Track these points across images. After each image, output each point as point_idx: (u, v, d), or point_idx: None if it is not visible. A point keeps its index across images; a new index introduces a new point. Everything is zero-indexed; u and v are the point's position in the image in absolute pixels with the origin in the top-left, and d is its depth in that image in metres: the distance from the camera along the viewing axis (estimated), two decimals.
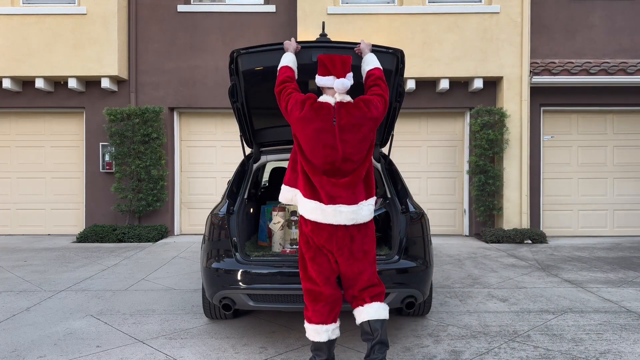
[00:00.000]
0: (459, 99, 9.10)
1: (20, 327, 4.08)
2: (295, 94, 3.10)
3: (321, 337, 3.00)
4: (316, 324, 3.01)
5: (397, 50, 3.70)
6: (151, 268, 6.33)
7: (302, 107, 3.03)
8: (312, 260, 3.04)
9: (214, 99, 9.15)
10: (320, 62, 3.14)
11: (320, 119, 3.00)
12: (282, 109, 3.16)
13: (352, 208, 2.97)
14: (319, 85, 3.17)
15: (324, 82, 3.11)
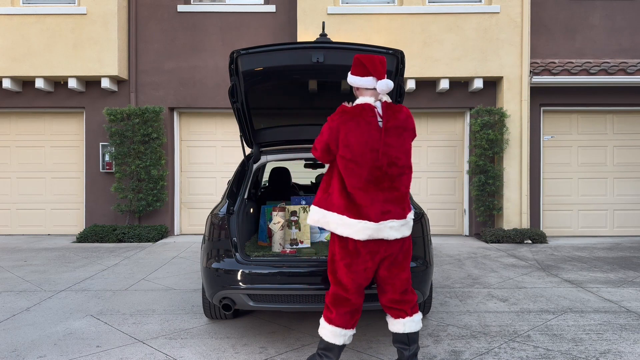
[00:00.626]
0: (459, 99, 9.10)
1: (20, 327, 4.08)
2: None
3: (338, 340, 2.95)
4: (337, 327, 2.94)
5: (397, 51, 3.70)
6: (151, 268, 6.33)
7: (341, 114, 2.91)
8: (348, 267, 2.90)
9: (214, 99, 9.15)
10: (357, 62, 2.97)
11: (365, 120, 2.86)
12: (325, 142, 2.93)
13: (402, 222, 2.91)
14: (356, 85, 2.99)
15: (364, 82, 2.93)
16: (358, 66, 2.97)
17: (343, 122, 2.87)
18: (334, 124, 2.91)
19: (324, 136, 2.95)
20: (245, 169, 4.26)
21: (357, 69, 2.97)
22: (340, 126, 2.87)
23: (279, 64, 3.73)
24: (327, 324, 2.99)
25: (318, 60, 3.63)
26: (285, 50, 3.68)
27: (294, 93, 4.24)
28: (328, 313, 3.00)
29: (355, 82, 2.98)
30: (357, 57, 2.99)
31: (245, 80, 3.89)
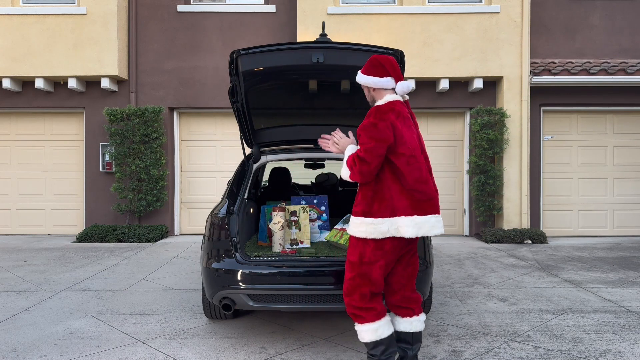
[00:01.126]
0: (459, 99, 9.10)
1: (20, 327, 4.08)
2: (380, 123, 2.80)
3: (387, 330, 2.91)
4: (375, 321, 2.89)
5: (396, 51, 3.70)
6: (151, 268, 6.33)
7: (388, 112, 2.83)
8: (384, 267, 2.89)
9: (214, 99, 9.15)
10: (376, 63, 2.94)
11: (404, 116, 2.89)
12: (385, 145, 2.78)
13: (439, 217, 2.91)
14: (377, 86, 2.93)
15: (385, 83, 2.91)
16: (377, 67, 2.95)
17: (394, 119, 2.84)
18: (387, 122, 2.79)
19: (382, 136, 2.75)
20: (245, 169, 4.26)
21: (376, 69, 2.95)
22: (395, 123, 2.83)
23: (279, 64, 3.74)
24: (367, 324, 2.90)
25: (318, 60, 3.63)
26: (285, 50, 3.68)
27: (294, 93, 4.25)
28: (361, 313, 2.91)
29: (375, 82, 2.94)
30: (375, 57, 2.97)
31: (245, 80, 3.89)
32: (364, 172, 2.80)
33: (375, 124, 2.79)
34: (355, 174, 2.83)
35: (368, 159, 2.77)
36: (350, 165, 2.86)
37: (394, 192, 2.84)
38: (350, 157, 2.88)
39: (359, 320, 2.92)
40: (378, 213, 2.82)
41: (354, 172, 2.84)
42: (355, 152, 2.89)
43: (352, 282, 2.90)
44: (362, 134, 2.83)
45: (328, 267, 3.45)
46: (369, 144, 2.77)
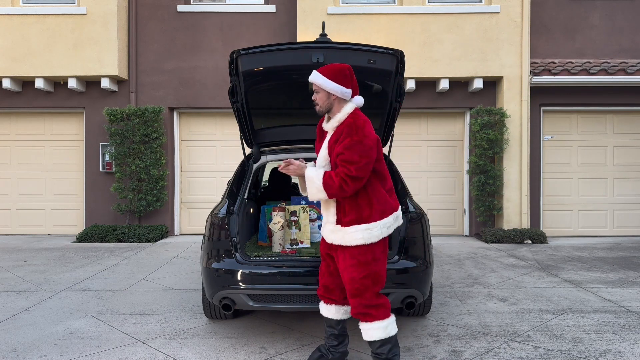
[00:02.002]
0: (459, 99, 9.10)
1: (20, 327, 4.08)
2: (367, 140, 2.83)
3: (394, 328, 2.99)
4: (388, 318, 2.97)
5: (396, 51, 3.70)
6: (151, 268, 6.33)
7: (370, 123, 2.91)
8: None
9: (214, 99, 9.15)
10: (347, 73, 2.93)
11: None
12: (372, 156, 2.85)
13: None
14: (342, 96, 2.92)
15: (348, 94, 2.94)
16: (347, 77, 2.93)
17: (372, 130, 2.92)
18: (371, 137, 2.86)
19: (371, 152, 2.82)
20: (245, 169, 4.26)
21: (345, 79, 2.92)
22: (378, 142, 2.95)
23: (279, 64, 3.74)
24: (392, 317, 2.96)
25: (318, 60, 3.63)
26: (285, 50, 3.68)
27: (294, 93, 4.24)
28: (371, 313, 2.91)
29: (343, 92, 2.91)
30: (348, 67, 2.95)
31: (245, 80, 3.89)
32: (356, 188, 2.84)
33: (361, 141, 2.81)
34: (343, 192, 2.82)
35: (362, 175, 2.80)
36: (328, 185, 2.84)
37: (383, 192, 2.95)
38: (335, 178, 2.82)
39: (369, 319, 2.92)
40: (371, 218, 2.89)
41: (344, 190, 2.82)
42: (339, 170, 2.83)
43: (364, 282, 2.88)
44: (347, 153, 2.79)
45: None
46: (360, 162, 2.78)
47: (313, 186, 2.89)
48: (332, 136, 2.96)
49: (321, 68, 2.97)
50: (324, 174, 2.87)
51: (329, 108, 2.96)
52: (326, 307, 3.18)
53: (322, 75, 2.91)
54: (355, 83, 2.98)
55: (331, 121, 2.98)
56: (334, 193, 2.84)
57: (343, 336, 3.22)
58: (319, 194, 2.88)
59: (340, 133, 2.89)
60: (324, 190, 2.85)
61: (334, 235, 2.96)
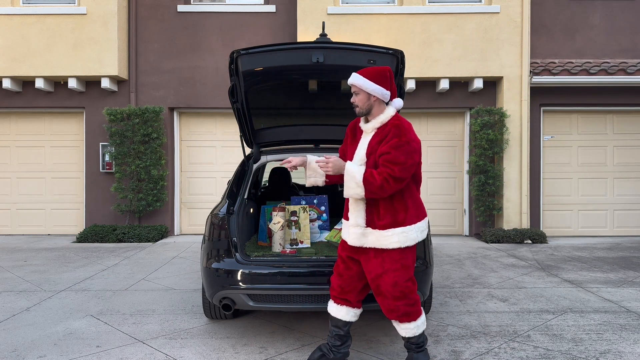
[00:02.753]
0: (459, 99, 9.10)
1: (20, 327, 4.08)
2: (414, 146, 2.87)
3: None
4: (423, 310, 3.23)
5: (397, 51, 3.70)
6: (151, 268, 6.33)
7: (412, 128, 2.96)
8: None
9: (214, 99, 9.15)
10: (388, 75, 2.95)
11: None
12: (418, 158, 2.90)
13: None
14: (383, 98, 2.94)
15: (388, 96, 2.97)
16: (387, 79, 2.94)
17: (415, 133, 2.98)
18: (417, 140, 2.91)
19: (417, 155, 2.86)
20: (245, 169, 4.26)
21: (385, 81, 2.93)
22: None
23: (279, 64, 3.74)
24: (420, 317, 3.06)
25: (318, 60, 3.63)
26: (285, 50, 3.68)
27: (294, 93, 4.25)
28: (416, 310, 3.03)
29: (383, 94, 2.92)
30: (388, 69, 2.95)
31: (245, 80, 3.89)
32: (396, 189, 2.83)
33: (409, 143, 2.83)
34: (382, 191, 2.81)
35: (404, 176, 2.81)
36: (369, 182, 2.82)
37: (418, 197, 3.02)
38: (377, 177, 2.81)
39: (415, 316, 3.01)
40: (406, 221, 2.93)
41: (384, 189, 2.80)
42: (381, 170, 2.82)
43: (408, 285, 2.95)
44: (394, 153, 2.80)
45: (328, 267, 3.45)
46: (406, 164, 2.80)
47: (352, 181, 2.86)
48: (375, 137, 2.94)
49: (361, 70, 2.98)
50: (366, 171, 2.87)
51: (369, 110, 2.96)
52: (337, 307, 3.15)
53: (362, 77, 2.92)
54: (395, 86, 2.99)
55: (372, 122, 2.97)
56: (373, 190, 2.82)
57: (347, 337, 3.22)
58: (357, 189, 2.85)
59: (386, 134, 2.88)
60: (364, 186, 2.83)
61: (366, 239, 2.95)
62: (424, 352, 3.12)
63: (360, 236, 2.96)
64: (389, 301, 2.94)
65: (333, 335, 3.19)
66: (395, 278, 2.90)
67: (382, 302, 2.98)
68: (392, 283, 2.91)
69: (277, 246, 4.05)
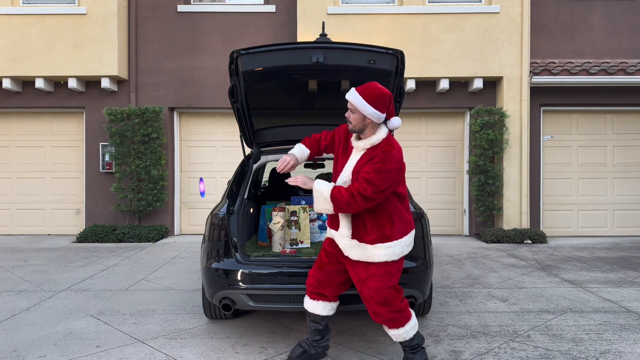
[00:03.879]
0: (459, 99, 9.10)
1: (20, 327, 4.08)
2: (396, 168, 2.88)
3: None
4: (413, 314, 3.21)
5: (396, 51, 3.70)
6: (151, 268, 6.33)
7: (401, 153, 2.96)
8: None
9: (214, 99, 9.15)
10: (387, 99, 2.90)
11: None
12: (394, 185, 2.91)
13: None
14: (378, 121, 2.91)
15: (382, 118, 2.94)
16: (386, 103, 2.91)
17: (403, 160, 2.99)
18: (401, 168, 2.92)
19: (393, 182, 2.87)
20: (245, 169, 4.26)
21: (383, 105, 2.90)
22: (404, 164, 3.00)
23: (279, 64, 3.74)
24: (410, 321, 3.09)
25: (318, 60, 3.63)
26: (285, 50, 3.68)
27: (294, 93, 4.25)
28: (404, 315, 3.06)
29: (379, 117, 2.90)
30: (388, 94, 2.91)
31: (245, 80, 3.89)
32: (363, 208, 2.88)
33: (392, 171, 2.84)
34: (349, 207, 2.85)
35: (375, 198, 2.83)
36: (336, 199, 2.86)
37: (402, 214, 3.01)
38: (344, 193, 2.85)
39: (402, 322, 3.04)
40: (393, 236, 2.96)
41: (350, 206, 2.84)
42: (354, 185, 2.86)
43: (391, 292, 2.98)
44: (373, 175, 2.80)
45: None
46: (381, 187, 2.81)
47: (321, 197, 2.92)
48: (363, 157, 2.95)
49: (360, 88, 2.92)
50: (333, 187, 2.92)
51: (361, 129, 2.95)
52: (313, 303, 3.18)
53: (361, 98, 2.88)
54: (392, 107, 2.98)
55: (363, 142, 2.97)
56: (340, 206, 2.87)
57: (326, 330, 3.26)
58: (326, 205, 2.91)
59: (374, 156, 2.89)
60: (332, 202, 2.88)
61: (353, 251, 3.00)
62: (420, 352, 3.14)
63: (347, 247, 3.01)
64: (373, 306, 3.00)
65: (312, 331, 3.23)
66: (378, 284, 2.95)
67: (368, 306, 3.04)
68: (375, 288, 2.96)
69: (277, 246, 4.05)
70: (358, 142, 3.00)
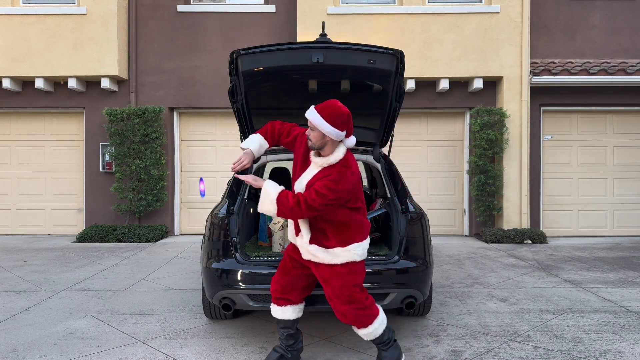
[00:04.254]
0: (459, 99, 9.10)
1: (20, 327, 4.08)
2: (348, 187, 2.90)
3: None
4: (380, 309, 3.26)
5: (396, 51, 3.70)
6: (151, 268, 6.33)
7: (357, 176, 2.96)
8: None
9: (214, 99, 9.15)
10: (346, 119, 2.90)
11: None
12: (335, 204, 2.92)
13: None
14: (337, 139, 2.91)
15: (342, 137, 2.95)
16: (345, 122, 2.91)
17: (358, 180, 3.01)
18: (354, 189, 2.93)
19: (341, 200, 2.89)
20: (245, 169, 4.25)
21: (343, 125, 2.90)
22: (359, 183, 3.02)
23: (279, 64, 3.74)
24: (377, 318, 3.10)
25: (318, 60, 3.63)
26: (285, 50, 3.68)
27: (294, 93, 4.25)
28: (372, 313, 3.09)
29: (338, 136, 2.90)
30: (347, 113, 2.91)
31: (245, 80, 3.89)
32: (306, 217, 2.92)
33: (343, 191, 2.87)
34: (292, 213, 2.88)
35: (320, 209, 2.86)
36: (282, 203, 2.89)
37: (359, 220, 3.05)
38: (291, 199, 2.89)
39: (369, 319, 3.06)
40: (353, 240, 3.01)
41: (294, 212, 2.87)
42: (303, 194, 2.89)
43: (357, 290, 3.04)
44: (325, 191, 2.83)
45: None
46: (328, 200, 2.83)
47: (267, 198, 2.95)
48: (319, 174, 2.98)
49: (320, 106, 2.93)
50: (282, 191, 2.95)
51: (321, 147, 2.97)
52: (282, 309, 3.20)
53: (320, 117, 2.88)
54: (351, 126, 2.99)
55: (321, 159, 2.99)
56: (284, 211, 2.91)
57: (298, 333, 3.30)
58: (270, 207, 2.94)
59: (329, 174, 2.92)
60: (277, 205, 2.92)
61: (313, 256, 3.04)
62: (393, 347, 3.17)
63: (307, 253, 3.06)
64: (338, 305, 3.04)
65: (285, 337, 3.26)
66: (342, 281, 3.00)
67: (334, 306, 3.07)
68: (339, 286, 3.01)
69: (277, 246, 4.05)
70: (316, 159, 3.02)
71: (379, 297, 3.51)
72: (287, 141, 3.29)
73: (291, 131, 3.29)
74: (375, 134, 4.43)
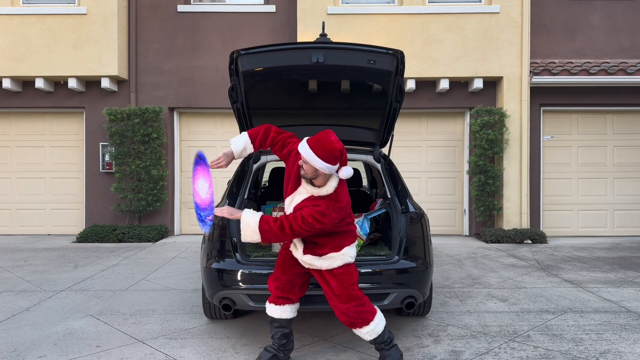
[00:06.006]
0: (458, 99, 9.10)
1: (20, 327, 4.08)
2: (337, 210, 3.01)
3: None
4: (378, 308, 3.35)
5: (396, 51, 3.70)
6: (151, 268, 6.33)
7: (348, 207, 3.08)
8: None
9: (214, 99, 9.15)
10: (337, 154, 2.90)
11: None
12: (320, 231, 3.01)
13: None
14: (330, 173, 2.94)
15: (334, 170, 2.96)
16: (337, 158, 2.90)
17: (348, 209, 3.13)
18: (339, 218, 3.03)
19: (327, 229, 2.99)
20: (245, 169, 4.26)
21: (335, 160, 2.90)
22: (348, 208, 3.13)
23: (279, 64, 3.74)
24: (377, 316, 3.15)
25: (318, 61, 3.63)
26: (285, 50, 3.68)
27: (294, 93, 4.25)
28: (370, 309, 3.14)
29: (330, 169, 2.91)
30: (340, 149, 2.90)
31: (245, 81, 3.89)
32: (293, 238, 3.01)
33: (330, 221, 2.95)
34: (278, 238, 2.99)
35: (305, 234, 2.98)
36: (264, 230, 2.96)
37: (347, 227, 3.16)
38: (272, 224, 2.96)
39: (369, 316, 3.10)
40: (344, 245, 3.11)
41: (278, 237, 2.97)
42: (288, 217, 2.96)
43: (355, 287, 3.11)
44: (311, 220, 2.90)
45: None
46: (313, 228, 2.93)
47: (249, 229, 3.00)
48: (308, 201, 3.02)
49: (312, 140, 2.91)
50: (261, 218, 2.99)
51: (314, 177, 2.97)
52: (281, 308, 3.22)
53: (312, 153, 2.87)
54: (345, 158, 2.98)
55: (313, 189, 3.02)
56: (269, 237, 2.98)
57: (291, 332, 3.33)
58: (254, 236, 2.99)
59: (318, 204, 2.96)
60: (259, 233, 2.97)
61: (312, 265, 3.11)
62: (395, 348, 3.20)
63: (304, 263, 3.14)
64: (339, 304, 3.08)
65: (279, 336, 3.26)
66: (340, 281, 3.07)
67: (334, 306, 3.11)
68: (338, 286, 3.06)
69: (277, 246, 4.04)
70: (307, 187, 3.04)
71: (379, 297, 3.51)
72: (281, 154, 3.28)
73: (286, 143, 3.25)
74: (375, 134, 4.43)
